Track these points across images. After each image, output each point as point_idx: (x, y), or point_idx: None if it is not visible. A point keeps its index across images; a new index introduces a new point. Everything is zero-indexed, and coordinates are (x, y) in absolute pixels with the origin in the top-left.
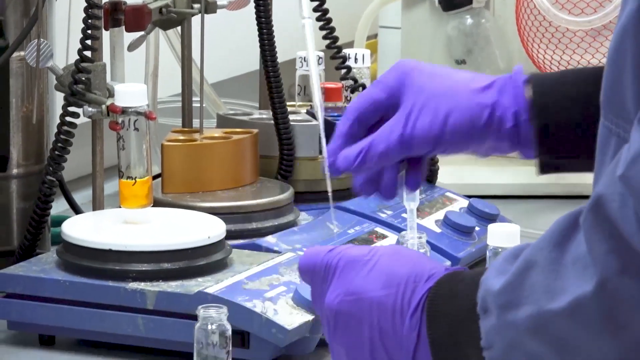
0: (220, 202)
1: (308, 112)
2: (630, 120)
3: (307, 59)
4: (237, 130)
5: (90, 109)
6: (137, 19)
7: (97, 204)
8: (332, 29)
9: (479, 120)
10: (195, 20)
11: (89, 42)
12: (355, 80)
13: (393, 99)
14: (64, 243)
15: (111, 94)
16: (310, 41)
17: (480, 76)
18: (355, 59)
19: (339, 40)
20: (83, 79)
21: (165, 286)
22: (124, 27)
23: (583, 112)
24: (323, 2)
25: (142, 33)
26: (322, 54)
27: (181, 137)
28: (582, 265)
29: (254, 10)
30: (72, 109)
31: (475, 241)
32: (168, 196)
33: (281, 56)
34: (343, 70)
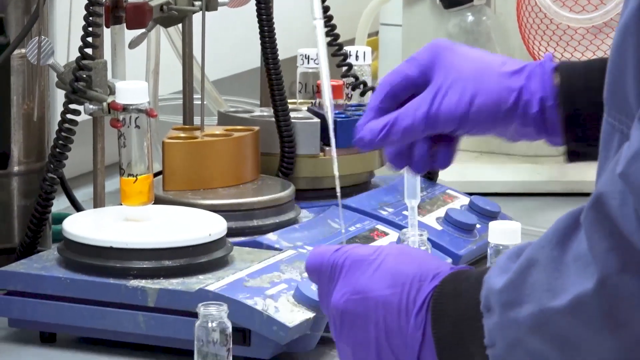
0: (221, 200)
1: (309, 110)
2: (633, 117)
3: (319, 59)
4: (238, 127)
5: (91, 107)
6: (138, 16)
7: (98, 202)
8: (333, 27)
9: (505, 103)
10: (197, 18)
11: (90, 39)
12: (356, 77)
13: (424, 76)
14: (65, 240)
15: (112, 92)
16: (322, 42)
17: (512, 60)
18: (357, 57)
19: (340, 37)
20: (84, 76)
21: (166, 284)
22: (125, 24)
23: None
24: None
25: (143, 30)
26: None
27: (182, 135)
28: (583, 264)
29: (255, 7)
30: (73, 106)
31: (476, 239)
32: (169, 194)
33: (282, 53)
34: (344, 68)
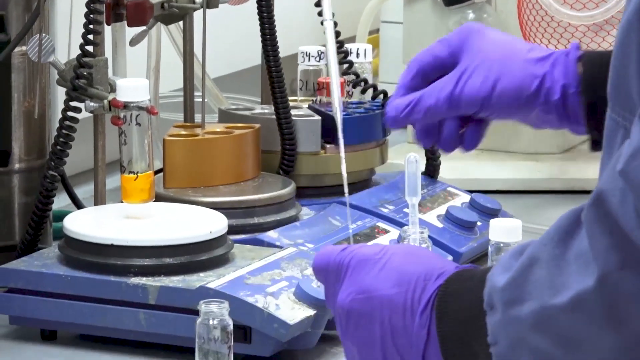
0: (222, 197)
1: (310, 107)
2: (635, 113)
3: (328, 60)
4: (239, 125)
5: (92, 104)
6: (139, 13)
7: (98, 199)
8: (334, 24)
9: (528, 89)
10: (197, 15)
11: (90, 36)
12: (357, 75)
13: (453, 57)
14: (65, 238)
15: (113, 89)
16: (332, 43)
17: (539, 47)
18: (357, 54)
19: (341, 35)
20: (85, 73)
21: (167, 281)
22: (125, 21)
23: None
24: None
25: (144, 28)
26: (324, 48)
27: (183, 132)
28: (584, 261)
29: (256, 4)
30: (74, 103)
31: (477, 236)
32: (170, 191)
33: (283, 51)
34: (345, 65)
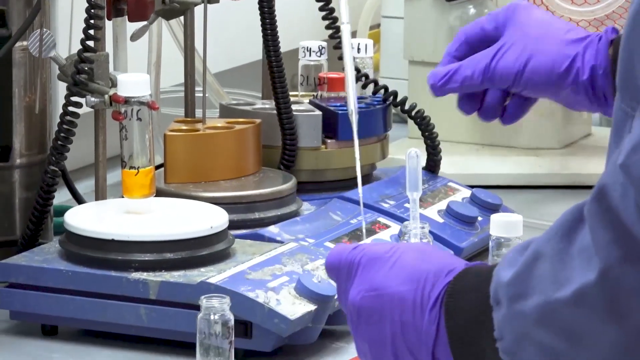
0: (222, 192)
1: (311, 102)
2: None
3: (345, 62)
4: (240, 120)
5: (92, 99)
6: (139, 8)
7: (99, 194)
8: (335, 19)
9: (559, 68)
10: (198, 10)
11: (91, 32)
12: (358, 70)
13: (497, 31)
14: (66, 233)
15: (114, 84)
16: (347, 45)
17: (577, 29)
18: (358, 49)
19: None
20: (86, 68)
21: (167, 276)
22: (126, 17)
23: None
24: None
25: (144, 23)
26: (324, 43)
27: (184, 127)
28: (587, 255)
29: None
30: (74, 98)
31: (477, 231)
32: (171, 186)
33: (284, 46)
34: None
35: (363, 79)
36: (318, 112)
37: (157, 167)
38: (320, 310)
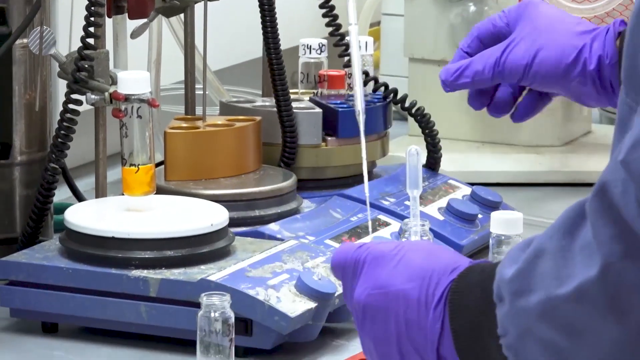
0: (223, 190)
1: (311, 100)
2: None
3: (352, 63)
4: (240, 117)
5: (93, 97)
6: (140, 6)
7: (99, 192)
8: (335, 17)
9: (567, 59)
10: (198, 8)
11: (91, 29)
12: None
13: (509, 28)
14: (66, 230)
15: (114, 82)
16: (356, 46)
17: (587, 23)
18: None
19: (342, 27)
20: (86, 66)
21: (168, 274)
22: (127, 14)
23: None
24: None
25: (145, 20)
26: (325, 41)
27: (184, 125)
28: (589, 252)
29: None
30: (75, 96)
31: (478, 229)
32: (171, 184)
33: (284, 43)
34: (346, 58)
35: (363, 76)
36: (318, 110)
37: (158, 165)
38: (321, 307)
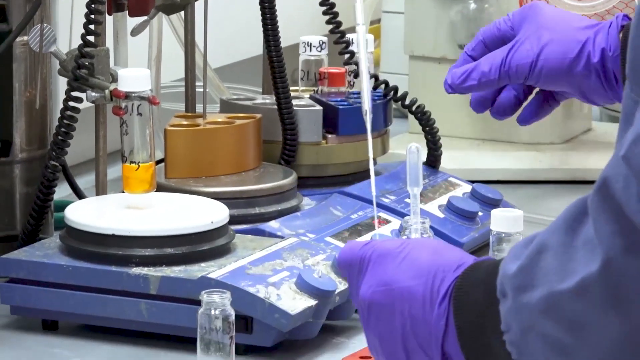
0: (223, 187)
1: (311, 97)
2: None
3: (359, 63)
4: (240, 115)
5: (93, 94)
6: (140, 3)
7: (100, 189)
8: (336, 14)
9: (571, 53)
10: (199, 5)
11: (92, 26)
12: (358, 65)
13: (513, 31)
14: (67, 228)
15: (114, 79)
16: (363, 47)
17: (590, 20)
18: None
19: (342, 25)
20: (86, 63)
21: (168, 271)
22: (127, 12)
23: None
24: None
25: (145, 18)
26: (325, 38)
27: (184, 122)
28: (591, 247)
29: None
30: (75, 93)
31: (478, 226)
32: (171, 181)
33: (284, 41)
34: (346, 55)
35: None
36: (318, 107)
37: (158, 162)
38: (321, 305)
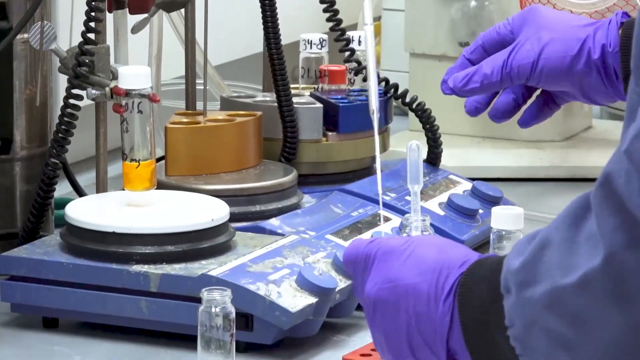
0: (223, 185)
1: (312, 95)
2: None
3: (367, 63)
4: (241, 112)
5: (93, 92)
6: (140, 1)
7: (100, 187)
8: (336, 12)
9: (572, 50)
10: (199, 3)
11: (92, 24)
12: (358, 62)
13: (513, 35)
14: (67, 225)
15: (115, 77)
16: (371, 47)
17: (589, 19)
18: (359, 42)
19: (343, 22)
20: (87, 61)
21: (168, 269)
22: (127, 9)
23: None
24: None
25: (145, 15)
26: (325, 36)
27: (185, 120)
28: (593, 242)
29: None
30: (75, 91)
31: (478, 224)
32: (171, 179)
33: (285, 38)
34: (347, 53)
35: (364, 71)
36: (319, 105)
37: (158, 160)
38: (322, 302)
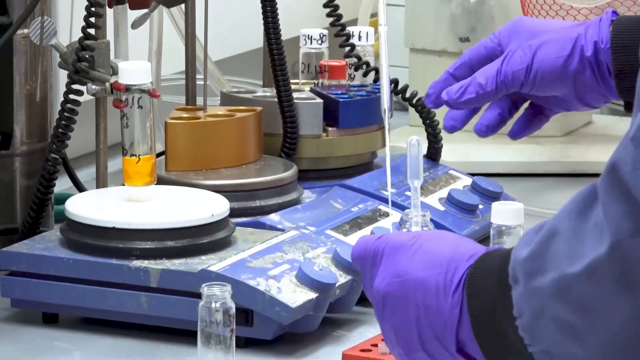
0: (223, 180)
1: (312, 90)
2: None
3: (380, 64)
4: (241, 108)
5: (93, 87)
6: None
7: (100, 182)
8: (336, 7)
9: (564, 50)
10: None
11: (92, 19)
12: (359, 58)
13: (502, 47)
14: (67, 221)
15: (115, 72)
16: (384, 48)
17: (577, 22)
18: (359, 37)
19: (343, 17)
20: (87, 56)
21: (168, 264)
22: (127, 4)
23: None
24: None
25: (145, 10)
26: (325, 31)
27: (185, 115)
28: (600, 230)
29: None
30: (75, 86)
31: (478, 219)
32: (172, 174)
33: (285, 34)
34: (347, 48)
35: (364, 66)
36: (319, 100)
37: (158, 155)
38: (321, 298)
